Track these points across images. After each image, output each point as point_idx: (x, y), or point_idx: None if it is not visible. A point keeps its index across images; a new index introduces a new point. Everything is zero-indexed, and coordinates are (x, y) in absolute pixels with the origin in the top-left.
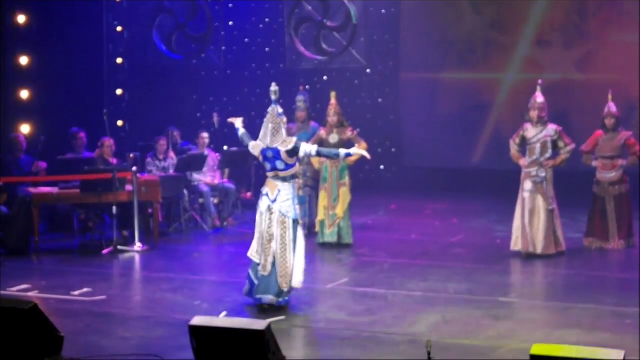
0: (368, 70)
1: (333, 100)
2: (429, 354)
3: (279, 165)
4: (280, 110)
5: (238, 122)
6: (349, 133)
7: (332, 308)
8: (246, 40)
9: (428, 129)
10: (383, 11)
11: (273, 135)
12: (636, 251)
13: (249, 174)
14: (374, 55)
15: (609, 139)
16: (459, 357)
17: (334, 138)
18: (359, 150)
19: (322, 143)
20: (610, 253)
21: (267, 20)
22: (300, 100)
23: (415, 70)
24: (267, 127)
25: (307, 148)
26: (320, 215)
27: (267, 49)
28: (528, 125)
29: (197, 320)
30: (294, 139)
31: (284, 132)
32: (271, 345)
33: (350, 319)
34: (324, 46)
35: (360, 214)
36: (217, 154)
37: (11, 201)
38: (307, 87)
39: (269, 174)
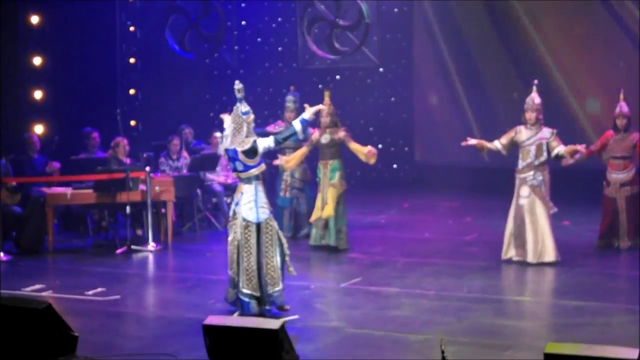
0: (381, 69)
1: (327, 100)
2: (442, 353)
3: (238, 166)
4: (245, 109)
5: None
6: (341, 133)
7: (345, 307)
8: (259, 39)
9: (441, 127)
10: (395, 10)
11: (234, 135)
12: None
13: (262, 173)
14: (387, 54)
15: (620, 139)
16: (473, 356)
17: (325, 138)
18: (313, 108)
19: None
20: (623, 251)
21: (279, 19)
22: (290, 101)
23: (428, 68)
24: (230, 127)
25: (265, 142)
26: (313, 216)
27: (279, 48)
28: (521, 128)
29: (211, 320)
30: (252, 139)
31: (244, 131)
32: (285, 344)
33: (363, 317)
34: (337, 45)
35: (373, 212)
36: None
37: (25, 201)
38: (323, 86)
39: (234, 175)
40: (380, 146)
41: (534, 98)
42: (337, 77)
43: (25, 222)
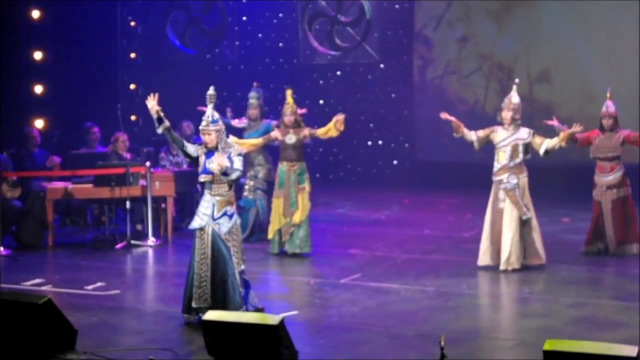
0: (381, 65)
1: (289, 99)
2: (442, 349)
3: None
4: (216, 116)
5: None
6: (305, 131)
7: (345, 303)
8: (259, 35)
9: (442, 124)
10: (397, 6)
11: None
12: None
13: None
14: (388, 50)
15: (606, 138)
16: (472, 353)
17: (290, 139)
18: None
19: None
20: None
21: (280, 15)
22: (253, 97)
23: (429, 64)
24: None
25: (191, 148)
26: (276, 223)
27: (280, 44)
28: (498, 128)
29: (210, 315)
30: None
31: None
32: (284, 340)
33: (363, 313)
34: (338, 41)
35: (373, 208)
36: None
37: (25, 195)
38: (324, 82)
39: None
40: (380, 142)
41: (512, 97)
42: (338, 73)
43: (25, 216)
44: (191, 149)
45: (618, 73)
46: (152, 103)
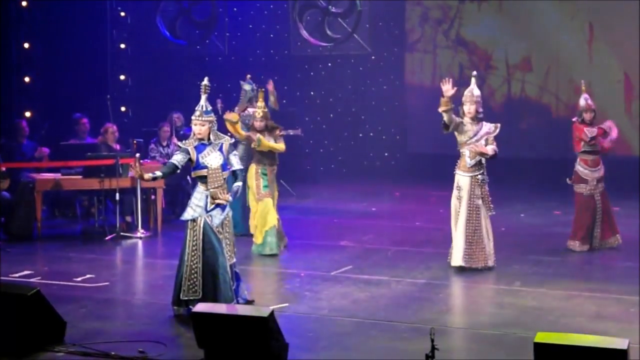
0: (373, 57)
1: (261, 102)
2: (432, 341)
3: None
4: (210, 107)
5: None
6: (277, 132)
7: (335, 295)
8: (250, 26)
9: (433, 116)
10: None
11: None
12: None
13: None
14: (379, 41)
15: (591, 132)
16: (463, 345)
17: (269, 141)
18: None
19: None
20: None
21: (271, 6)
22: (254, 90)
23: (420, 56)
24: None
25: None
26: (268, 224)
27: (271, 35)
28: (467, 120)
29: (200, 307)
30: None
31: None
32: (274, 332)
33: (353, 306)
34: (329, 32)
35: (364, 200)
36: None
37: (14, 187)
38: (314, 74)
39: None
40: (371, 134)
41: (473, 90)
42: (329, 64)
43: (14, 207)
44: (182, 157)
45: (600, 64)
46: (139, 173)
